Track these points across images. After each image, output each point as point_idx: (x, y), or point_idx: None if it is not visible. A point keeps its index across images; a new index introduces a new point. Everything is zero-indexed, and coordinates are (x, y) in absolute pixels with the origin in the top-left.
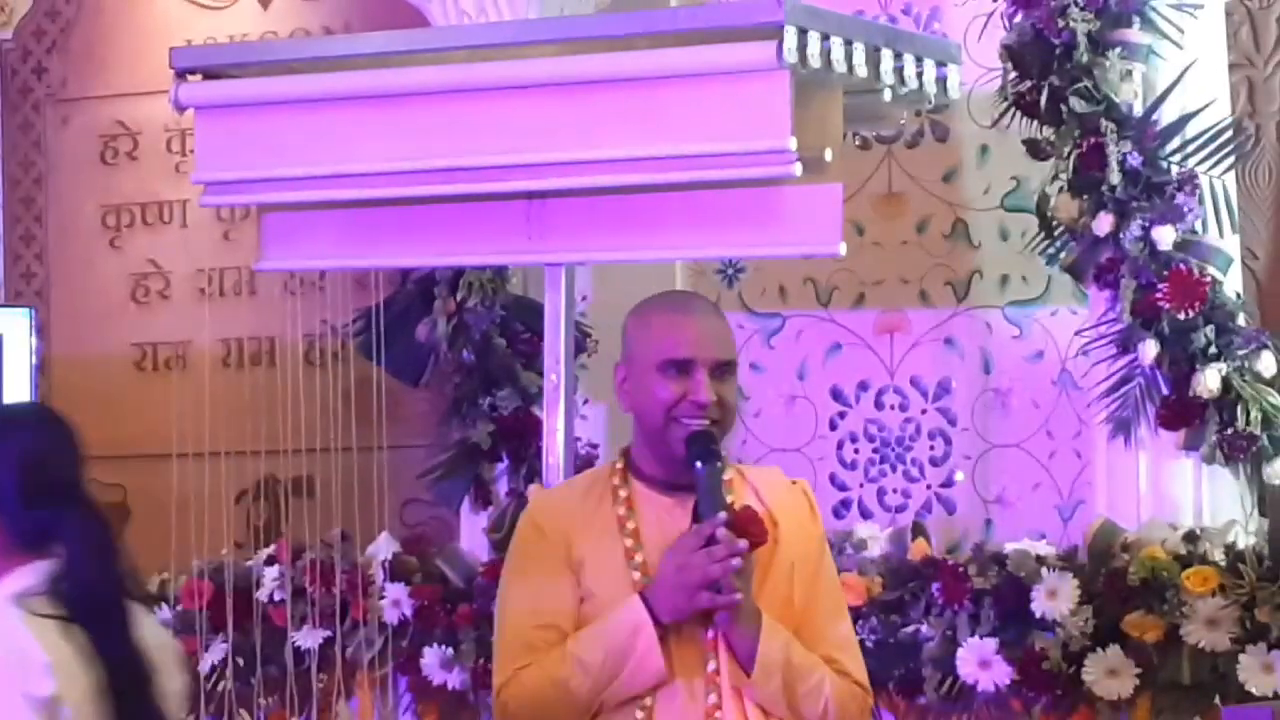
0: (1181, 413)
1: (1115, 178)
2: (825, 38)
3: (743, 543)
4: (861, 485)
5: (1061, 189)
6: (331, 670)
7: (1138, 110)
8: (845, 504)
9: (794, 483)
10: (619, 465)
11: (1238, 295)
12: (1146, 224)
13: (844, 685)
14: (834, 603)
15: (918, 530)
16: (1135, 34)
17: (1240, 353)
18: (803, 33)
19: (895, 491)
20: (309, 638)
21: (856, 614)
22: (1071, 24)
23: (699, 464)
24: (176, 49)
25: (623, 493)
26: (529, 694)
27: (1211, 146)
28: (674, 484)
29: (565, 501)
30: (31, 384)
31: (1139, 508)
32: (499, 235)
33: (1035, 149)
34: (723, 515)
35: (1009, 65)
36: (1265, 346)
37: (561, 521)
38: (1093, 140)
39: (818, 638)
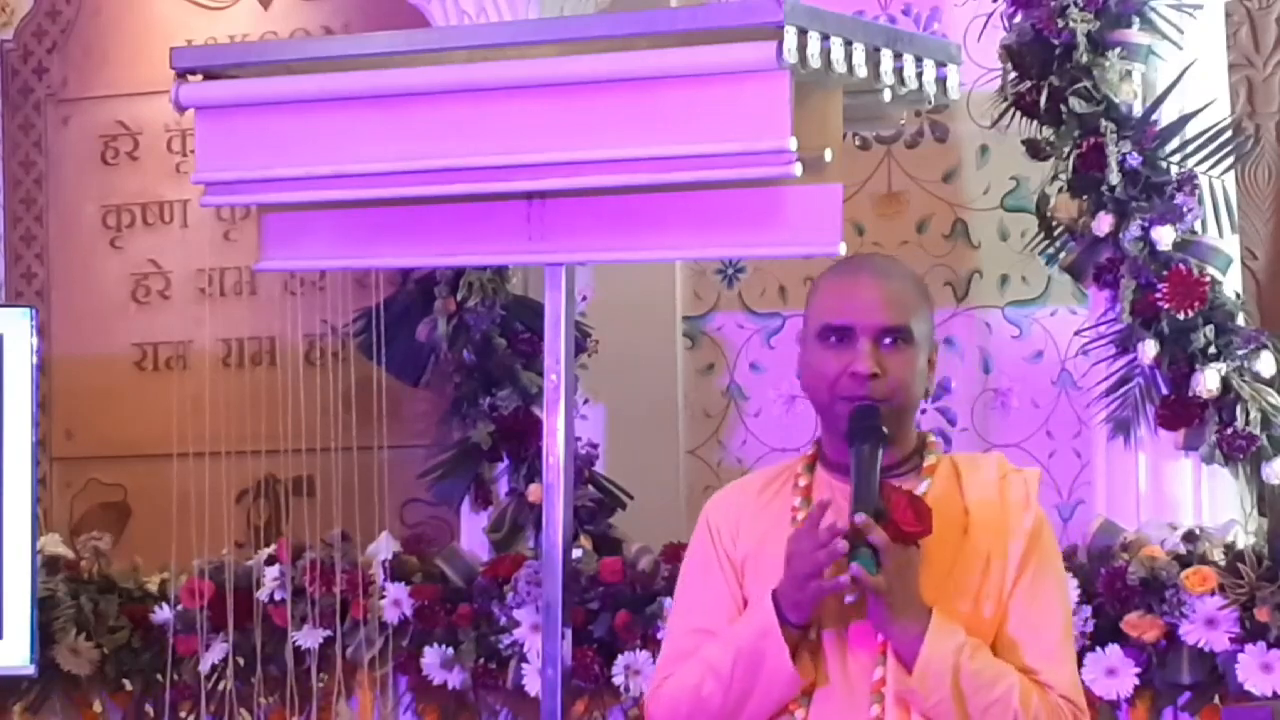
0: (1181, 413)
1: (1115, 178)
2: (825, 38)
3: (849, 520)
4: None
5: (1061, 189)
6: (332, 670)
7: (1137, 110)
8: None
9: (1017, 471)
10: (809, 452)
11: (1237, 295)
12: (1146, 224)
13: (1045, 701)
14: (1043, 607)
15: None
16: (1135, 34)
17: (1240, 353)
18: (803, 33)
19: None
20: (309, 637)
21: None
22: (1071, 24)
23: (853, 444)
24: (177, 49)
25: (803, 481)
26: (667, 704)
27: (1211, 147)
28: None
29: (740, 495)
30: (32, 384)
31: (1138, 507)
32: (499, 235)
33: (1035, 149)
34: (825, 501)
35: (1009, 65)
36: (1265, 346)
37: (730, 517)
38: (1092, 140)
39: (1018, 645)
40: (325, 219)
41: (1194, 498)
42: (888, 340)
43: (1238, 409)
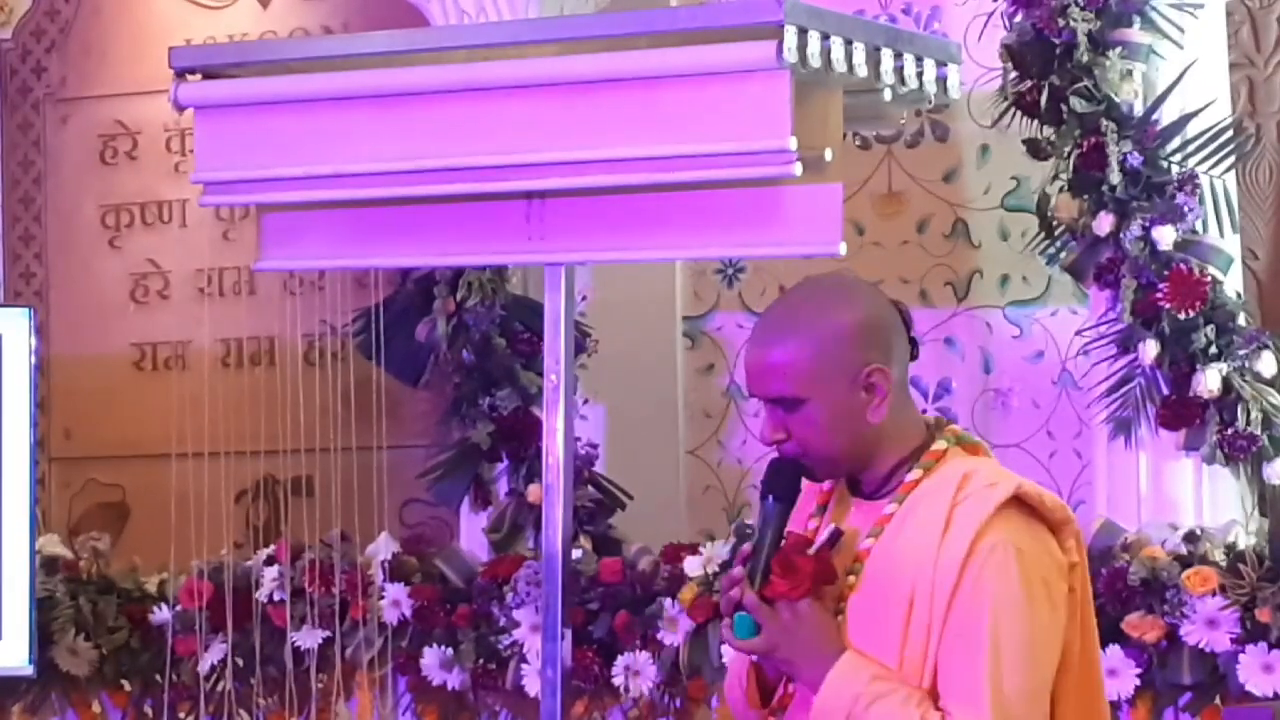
0: (1182, 413)
1: (1115, 177)
2: (825, 37)
3: (734, 572)
4: None
5: (1062, 189)
6: (331, 670)
7: (1138, 110)
8: None
9: (990, 486)
10: None
11: (1238, 295)
12: (1147, 224)
13: None
14: (968, 640)
15: None
16: (1135, 34)
17: (1241, 353)
18: (803, 32)
19: None
20: (308, 638)
21: None
22: (1072, 23)
23: (761, 499)
24: (176, 48)
25: (826, 501)
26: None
27: (1212, 146)
28: (864, 492)
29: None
30: (31, 384)
31: (1139, 508)
32: (499, 235)
33: (1035, 149)
34: (745, 552)
35: (1009, 65)
36: (1266, 346)
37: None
38: (1093, 140)
39: (943, 682)
40: (324, 219)
41: (1195, 498)
42: (779, 408)
43: (1239, 409)
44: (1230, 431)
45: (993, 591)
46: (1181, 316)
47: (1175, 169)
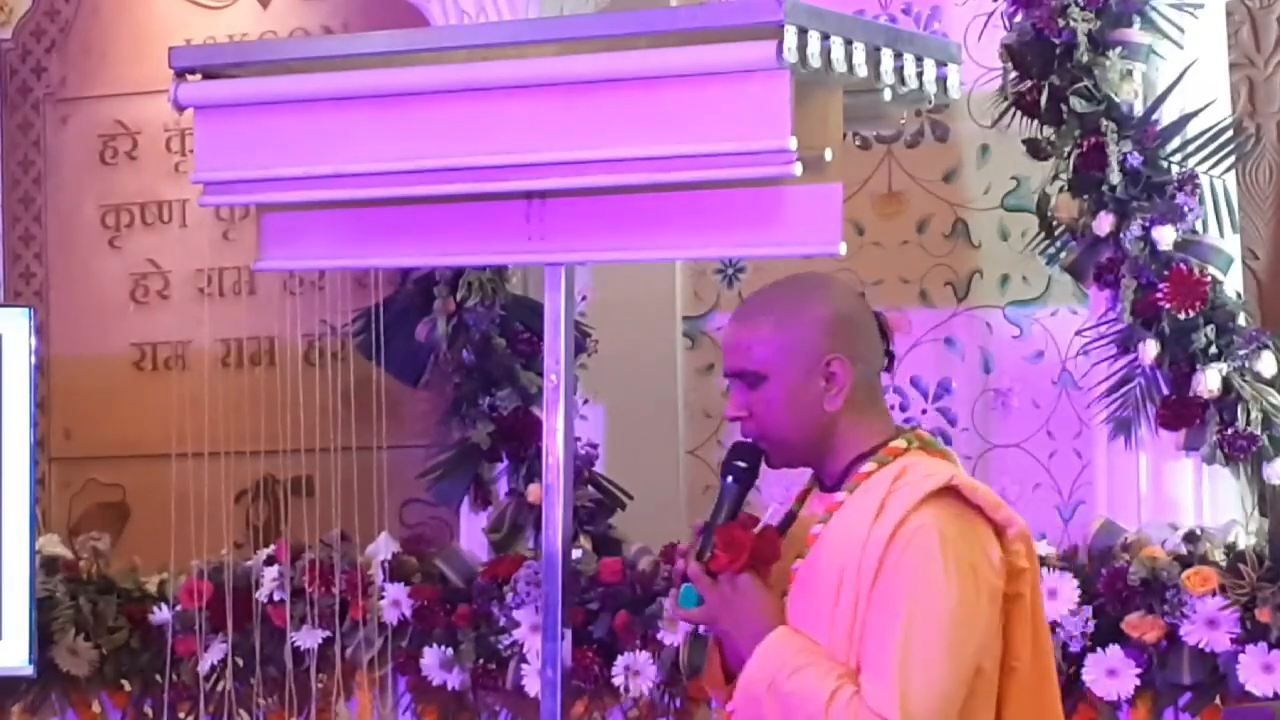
0: (1182, 413)
1: (1115, 177)
2: (825, 37)
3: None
4: None
5: (1062, 189)
6: (331, 670)
7: (1138, 110)
8: None
9: (929, 477)
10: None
11: (1238, 295)
12: (1147, 224)
13: (847, 714)
14: (885, 617)
15: None
16: (1136, 33)
17: (1241, 353)
18: (803, 32)
19: None
20: (308, 638)
21: None
22: (1072, 23)
23: (721, 477)
24: (176, 48)
25: (803, 498)
26: None
27: (1212, 146)
28: (825, 485)
29: None
30: (30, 384)
31: (1139, 508)
32: (499, 235)
33: (1035, 149)
34: (699, 526)
35: (1009, 65)
36: (1266, 346)
37: None
38: (1093, 140)
39: (861, 657)
40: (324, 219)
41: (1195, 498)
42: (742, 383)
43: (1239, 409)
44: (1230, 431)
45: (911, 571)
46: (1181, 316)
47: (1175, 169)
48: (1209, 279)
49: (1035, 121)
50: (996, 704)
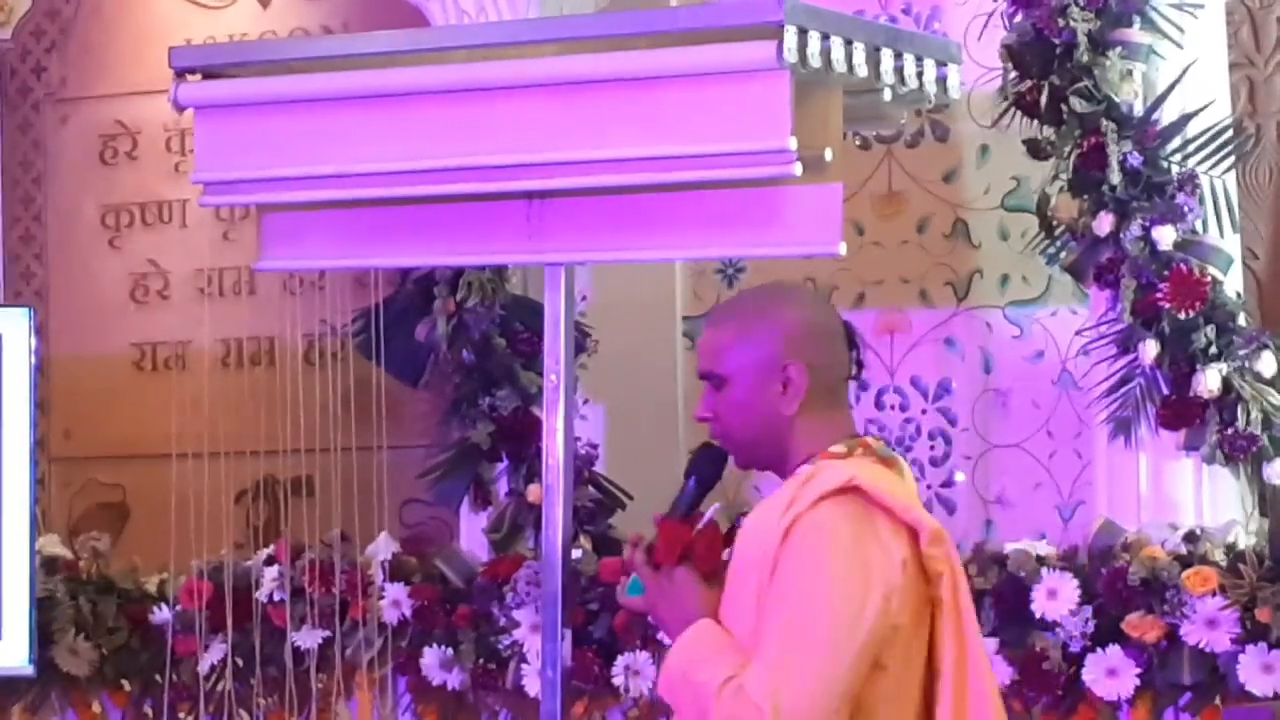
0: (1182, 413)
1: (1115, 177)
2: (825, 37)
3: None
4: None
5: (1062, 189)
6: (331, 670)
7: (1138, 110)
8: None
9: (828, 471)
10: None
11: (1238, 295)
12: (1147, 224)
13: (726, 706)
14: (775, 608)
15: None
16: (1136, 33)
17: (1241, 353)
18: (803, 32)
19: None
20: (308, 638)
21: None
22: (1072, 23)
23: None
24: (176, 48)
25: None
26: None
27: (1212, 146)
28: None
29: None
30: (31, 384)
31: (1139, 508)
32: (499, 235)
33: (1035, 149)
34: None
35: (1009, 65)
36: (1266, 346)
37: None
38: (1093, 140)
39: (754, 648)
40: (325, 219)
41: (1195, 498)
42: (710, 385)
43: (1239, 409)
44: (1230, 431)
45: (799, 565)
46: (1181, 316)
47: (1175, 169)
48: (1209, 279)
49: (1035, 121)
50: (925, 707)
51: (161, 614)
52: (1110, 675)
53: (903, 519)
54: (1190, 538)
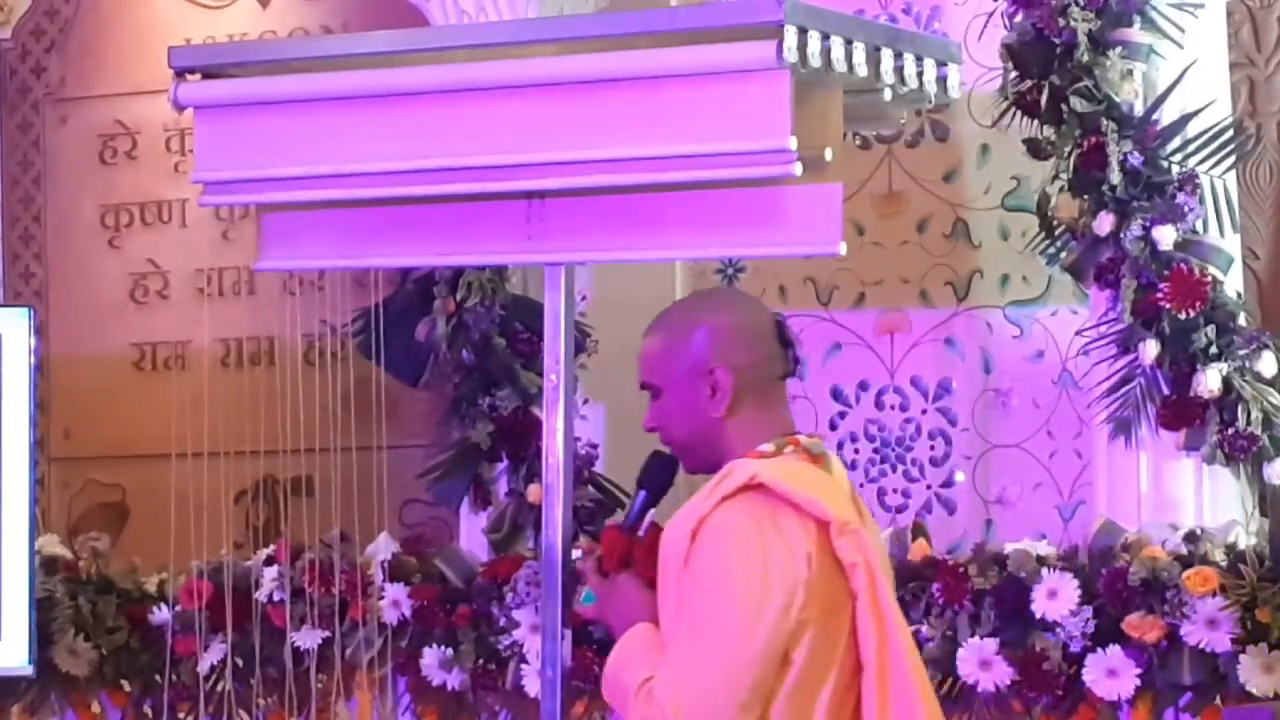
0: (1182, 413)
1: (1116, 177)
2: (825, 37)
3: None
4: (862, 485)
5: (1062, 189)
6: (330, 671)
7: (1138, 110)
8: None
9: (739, 473)
10: None
11: (1239, 295)
12: (1147, 224)
13: (640, 707)
14: (679, 611)
15: (918, 530)
16: (1136, 33)
17: (1241, 353)
18: (803, 32)
19: (895, 492)
20: (308, 638)
21: None
22: (1072, 23)
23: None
24: (175, 48)
25: None
26: None
27: (1212, 146)
28: None
29: None
30: (30, 384)
31: (1139, 508)
32: (499, 235)
33: (1036, 148)
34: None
35: (1009, 65)
36: (1266, 346)
37: None
38: (1093, 140)
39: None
40: (324, 219)
41: (1195, 498)
42: (650, 395)
43: (1239, 409)
44: (1230, 431)
45: (700, 565)
46: (1182, 316)
47: (1175, 169)
48: (1209, 279)
49: (1035, 121)
50: (857, 701)
51: (161, 614)
52: (1110, 675)
53: (809, 512)
54: (1191, 538)
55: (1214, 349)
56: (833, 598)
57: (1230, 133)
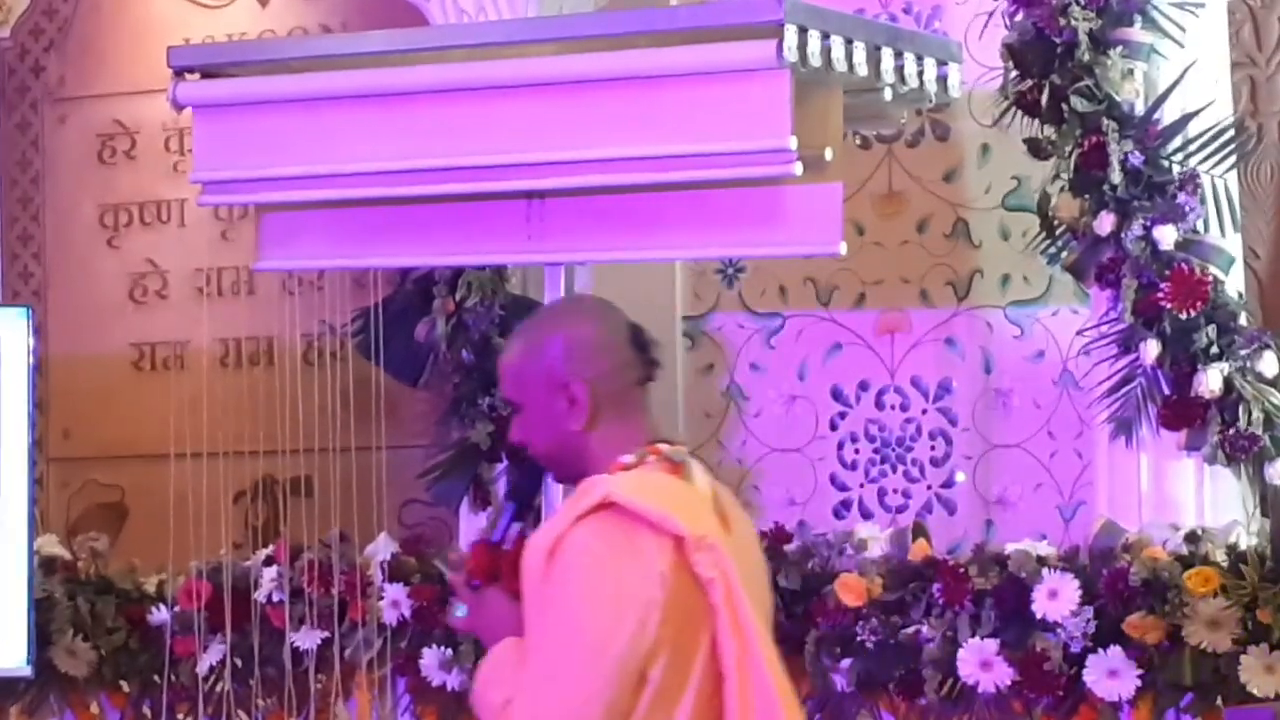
0: (1183, 413)
1: (1117, 177)
2: (825, 36)
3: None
4: (862, 485)
5: (1063, 188)
6: (330, 671)
7: (1139, 109)
8: (846, 504)
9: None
10: None
11: (1239, 295)
12: (1148, 223)
13: None
14: (532, 631)
15: (918, 531)
16: (1137, 33)
17: (1242, 352)
18: (803, 31)
19: (896, 492)
20: (307, 638)
21: (857, 615)
22: (1073, 22)
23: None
24: (174, 48)
25: None
26: None
27: (1213, 146)
28: None
29: None
30: (29, 384)
31: (1140, 508)
32: (499, 235)
33: (1036, 148)
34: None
35: (1010, 64)
36: (1267, 346)
37: None
38: (1094, 139)
39: None
40: (323, 218)
41: (1196, 498)
42: (514, 409)
43: (1240, 409)
44: (1231, 431)
45: (552, 587)
46: (1183, 316)
47: (1176, 168)
48: (1210, 279)
49: (1036, 121)
50: (720, 712)
51: (160, 614)
52: (1111, 676)
53: (664, 529)
54: (1191, 538)
55: (1215, 349)
56: (689, 614)
57: (1231, 132)
